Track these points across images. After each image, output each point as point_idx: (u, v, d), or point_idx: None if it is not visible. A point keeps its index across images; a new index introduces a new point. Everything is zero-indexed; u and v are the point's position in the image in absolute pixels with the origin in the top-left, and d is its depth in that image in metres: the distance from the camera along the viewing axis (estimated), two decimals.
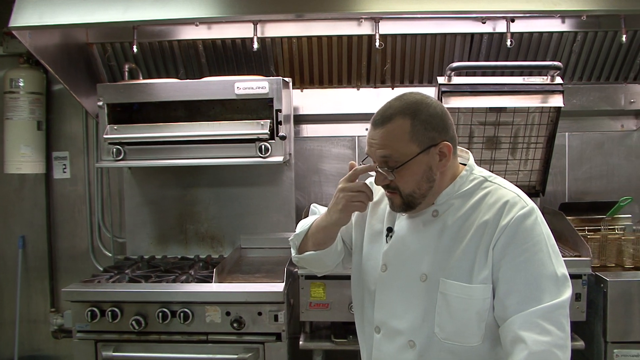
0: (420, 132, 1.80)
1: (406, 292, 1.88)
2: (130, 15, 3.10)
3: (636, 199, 3.77)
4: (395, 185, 1.84)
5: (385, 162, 1.81)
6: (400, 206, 1.87)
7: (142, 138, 3.39)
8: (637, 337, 3.13)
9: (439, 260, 1.84)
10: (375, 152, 1.82)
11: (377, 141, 1.82)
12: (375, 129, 1.83)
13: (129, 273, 3.42)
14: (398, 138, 1.79)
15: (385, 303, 1.94)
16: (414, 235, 1.91)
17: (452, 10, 3.16)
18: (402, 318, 1.89)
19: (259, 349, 3.07)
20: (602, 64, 3.77)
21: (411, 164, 1.80)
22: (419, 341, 1.86)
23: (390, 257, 1.93)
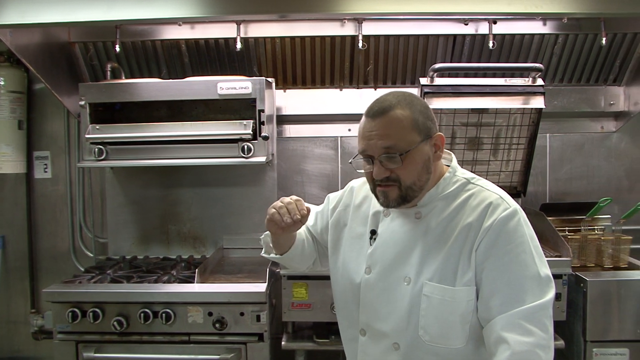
0: (420, 121, 1.83)
1: (390, 295, 1.89)
2: (112, 14, 3.08)
3: (615, 199, 3.81)
4: (396, 177, 1.82)
5: (387, 153, 1.80)
6: (396, 199, 1.85)
7: (124, 138, 3.37)
8: (615, 336, 3.17)
9: (423, 263, 1.84)
10: (377, 144, 1.80)
11: (377, 132, 1.81)
12: (374, 119, 1.82)
13: (110, 273, 3.40)
14: (401, 126, 1.80)
15: (369, 305, 1.94)
16: (398, 238, 1.91)
17: (435, 11, 3.17)
18: (386, 320, 1.89)
19: (241, 350, 3.06)
20: (583, 66, 3.81)
21: (414, 153, 1.81)
22: (403, 343, 1.86)
23: (374, 259, 1.94)
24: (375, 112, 1.83)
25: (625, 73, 3.84)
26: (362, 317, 1.96)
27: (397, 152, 1.79)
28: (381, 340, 1.91)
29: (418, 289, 1.83)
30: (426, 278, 1.83)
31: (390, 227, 1.94)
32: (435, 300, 1.81)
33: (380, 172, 1.82)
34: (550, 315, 1.75)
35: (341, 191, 2.22)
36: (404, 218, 1.92)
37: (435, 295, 1.81)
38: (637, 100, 3.82)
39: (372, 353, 1.94)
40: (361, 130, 1.86)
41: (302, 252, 2.19)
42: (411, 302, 1.84)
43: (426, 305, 1.82)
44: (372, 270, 1.93)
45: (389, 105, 1.82)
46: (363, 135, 1.85)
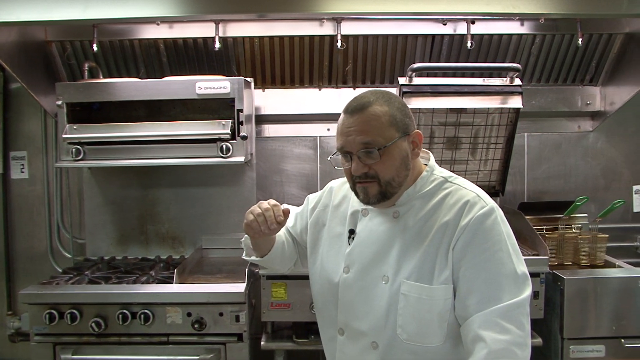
0: (398, 118, 1.84)
1: (369, 294, 1.89)
2: (90, 13, 3.06)
3: (592, 198, 3.84)
4: (375, 173, 1.83)
5: (365, 148, 1.81)
6: (376, 196, 1.86)
7: (102, 138, 3.35)
8: (592, 334, 3.20)
9: (401, 262, 1.85)
10: (355, 139, 1.81)
11: (356, 128, 1.81)
12: (352, 116, 1.83)
13: (88, 274, 3.38)
14: (379, 122, 1.81)
15: (348, 305, 1.94)
16: (376, 237, 1.91)
17: (413, 11, 3.18)
18: (364, 319, 1.90)
19: (220, 350, 3.05)
20: (560, 66, 3.84)
21: (392, 149, 1.82)
22: (381, 342, 1.87)
23: (352, 258, 1.94)
24: (353, 108, 1.84)
25: (601, 73, 3.87)
26: (340, 317, 1.97)
27: (375, 147, 1.80)
28: (359, 340, 1.91)
29: (396, 288, 1.84)
30: (404, 277, 1.83)
31: (368, 227, 1.95)
32: (412, 299, 1.81)
33: (359, 168, 1.83)
34: (527, 312, 1.76)
35: (320, 192, 2.23)
36: (382, 217, 1.93)
37: (413, 293, 1.81)
38: (613, 100, 3.86)
39: (351, 352, 1.94)
40: (339, 127, 1.87)
41: (283, 253, 2.19)
42: (389, 301, 1.85)
43: (404, 304, 1.83)
44: (350, 270, 1.94)
45: (367, 102, 1.83)
46: (341, 131, 1.85)
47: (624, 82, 3.76)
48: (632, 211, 4.06)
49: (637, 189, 4.04)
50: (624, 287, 3.20)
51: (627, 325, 3.19)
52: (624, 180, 4.08)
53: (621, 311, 3.19)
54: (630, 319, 3.19)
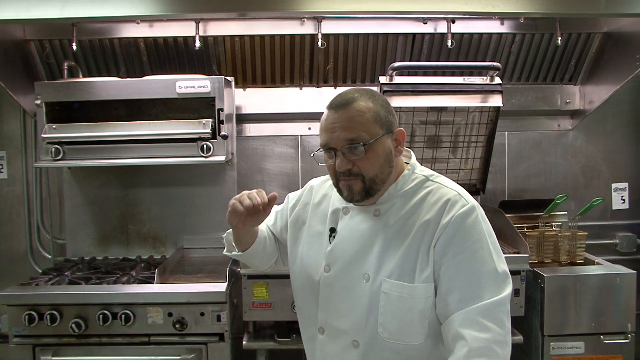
0: (382, 114, 1.84)
1: (350, 292, 1.89)
2: (68, 12, 3.04)
3: (571, 196, 3.88)
4: (358, 170, 1.83)
5: (350, 145, 1.81)
6: (360, 193, 1.85)
7: (82, 137, 3.32)
8: (572, 330, 3.23)
9: (382, 260, 1.85)
10: (339, 135, 1.81)
11: (341, 124, 1.81)
12: (337, 111, 1.83)
13: (68, 275, 3.35)
14: (364, 118, 1.81)
15: (328, 303, 1.94)
16: (357, 235, 1.91)
17: (394, 10, 3.19)
18: (345, 318, 1.89)
19: (201, 350, 3.05)
20: (540, 65, 3.87)
21: (376, 145, 1.82)
22: (362, 341, 1.87)
23: (333, 257, 1.93)
24: (338, 104, 1.84)
25: (580, 72, 3.91)
26: (320, 315, 1.96)
27: (360, 143, 1.80)
28: (340, 338, 1.91)
29: (377, 286, 1.84)
30: (385, 275, 1.83)
31: (349, 225, 1.94)
32: (393, 297, 1.81)
33: (343, 164, 1.82)
34: (507, 311, 1.77)
35: (301, 190, 2.22)
36: (363, 215, 1.93)
37: (394, 292, 1.81)
38: (592, 99, 3.89)
39: (331, 351, 1.94)
40: (323, 123, 1.87)
41: (264, 249, 2.18)
42: (370, 299, 1.85)
43: (385, 303, 1.83)
44: (331, 268, 1.93)
45: (352, 98, 1.84)
46: (325, 127, 1.85)
47: (602, 81, 3.79)
48: (610, 209, 4.10)
49: (616, 186, 4.08)
50: (603, 284, 3.23)
51: (606, 321, 3.22)
52: (603, 178, 4.12)
53: (600, 308, 3.22)
54: (609, 316, 3.22)
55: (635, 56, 3.46)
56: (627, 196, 4.08)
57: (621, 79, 3.60)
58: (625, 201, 4.09)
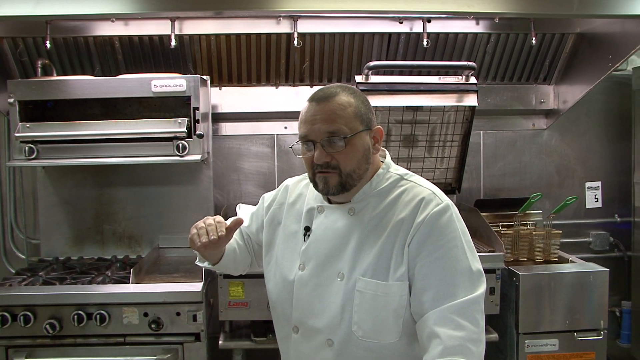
0: (362, 111, 1.86)
1: (324, 291, 1.89)
2: (41, 9, 3.00)
3: (546, 195, 3.92)
4: (336, 163, 1.83)
5: (330, 137, 1.82)
6: (336, 186, 1.85)
7: (56, 136, 3.29)
8: (547, 328, 3.27)
9: (356, 259, 1.85)
10: (320, 128, 1.82)
11: (322, 116, 1.82)
12: (319, 104, 1.84)
13: (43, 275, 3.31)
14: (345, 112, 1.83)
15: (303, 302, 1.94)
16: (332, 234, 1.91)
17: (370, 9, 3.19)
18: (320, 317, 1.89)
19: (177, 350, 3.03)
20: (514, 65, 3.90)
21: (356, 140, 1.83)
22: (337, 339, 1.87)
23: (308, 255, 1.94)
24: (320, 97, 1.86)
25: (554, 72, 3.95)
26: (295, 314, 1.96)
27: (340, 136, 1.81)
28: (314, 337, 1.91)
29: (351, 285, 1.84)
30: (359, 273, 1.84)
31: (324, 224, 1.95)
32: (368, 296, 1.82)
33: (322, 156, 1.83)
34: (481, 309, 1.78)
35: (276, 190, 2.22)
36: (338, 214, 1.93)
37: (369, 290, 1.82)
38: (566, 98, 3.93)
39: (305, 350, 1.94)
40: (304, 115, 1.87)
41: (235, 259, 2.19)
42: (344, 298, 1.85)
43: (359, 301, 1.83)
44: (306, 267, 1.93)
45: (334, 92, 1.85)
46: (306, 119, 1.86)
47: (576, 81, 3.83)
48: (584, 207, 4.15)
49: (589, 185, 4.13)
50: (576, 282, 3.27)
51: (579, 319, 3.26)
52: (577, 177, 4.17)
53: (574, 305, 3.26)
54: (582, 313, 3.27)
55: (607, 57, 3.51)
56: (600, 195, 4.13)
57: (594, 79, 3.65)
58: (598, 200, 4.13)
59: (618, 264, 4.13)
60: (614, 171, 4.20)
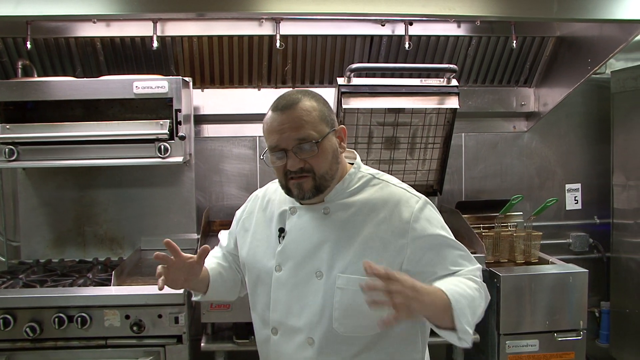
0: (326, 113, 1.89)
1: (302, 290, 1.91)
2: (22, 10, 2.97)
3: (527, 197, 3.96)
4: (310, 167, 1.85)
5: (301, 143, 1.83)
6: (311, 190, 1.87)
7: (37, 138, 3.26)
8: (527, 329, 3.30)
9: (335, 257, 1.87)
10: (290, 136, 1.83)
11: (289, 124, 1.83)
12: (284, 112, 1.85)
13: (23, 278, 3.29)
14: (311, 117, 1.84)
15: (281, 303, 1.95)
16: (308, 234, 1.93)
17: (352, 12, 3.19)
18: (299, 316, 1.91)
19: (159, 352, 3.02)
20: (495, 68, 3.93)
21: (325, 142, 1.86)
22: (317, 337, 1.88)
23: (285, 256, 1.95)
24: (283, 105, 1.86)
25: (534, 75, 3.99)
26: (273, 316, 1.97)
27: (311, 141, 1.83)
28: (295, 337, 1.92)
29: (331, 282, 1.86)
30: (339, 271, 1.86)
31: (298, 224, 1.96)
32: (349, 292, 1.84)
33: (295, 163, 1.84)
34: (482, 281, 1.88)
35: (245, 203, 2.24)
36: (312, 214, 1.95)
37: (350, 287, 1.84)
38: (546, 101, 3.97)
39: (286, 351, 1.95)
40: (270, 125, 1.88)
41: (224, 282, 2.18)
42: (324, 296, 1.87)
43: (340, 298, 1.85)
44: (282, 268, 1.95)
45: (296, 99, 1.86)
46: (274, 129, 1.86)
47: (556, 84, 3.87)
48: (564, 209, 4.19)
49: (569, 187, 4.18)
50: (557, 283, 3.30)
51: (559, 319, 3.29)
52: (557, 179, 4.21)
53: (554, 306, 3.29)
54: (562, 314, 3.30)
55: (587, 60, 3.55)
56: (580, 197, 4.18)
57: (574, 82, 3.69)
58: (578, 201, 4.18)
59: (597, 265, 4.17)
60: (593, 173, 4.25)
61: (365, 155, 3.60)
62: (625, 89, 3.91)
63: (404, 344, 1.93)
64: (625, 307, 3.93)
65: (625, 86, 3.90)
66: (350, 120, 3.50)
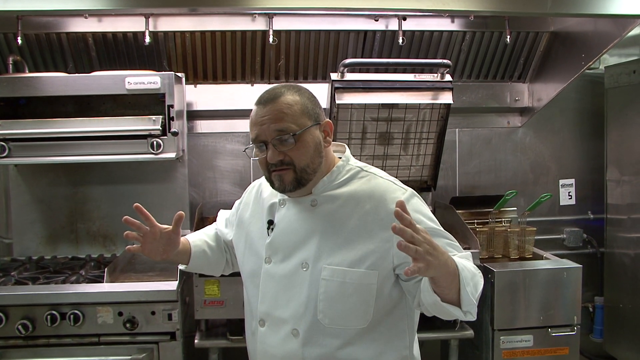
0: (309, 107, 1.91)
1: (288, 281, 1.92)
2: (12, 4, 2.95)
3: (521, 192, 3.95)
4: (290, 160, 1.87)
5: (280, 136, 1.85)
6: (291, 182, 1.89)
7: (28, 134, 3.24)
8: (522, 324, 3.31)
9: (322, 249, 1.89)
10: (269, 128, 1.85)
11: (270, 117, 1.86)
12: (265, 106, 1.88)
13: (15, 275, 3.27)
14: (292, 110, 1.87)
15: (269, 294, 1.96)
16: (295, 225, 1.95)
17: (345, 7, 3.18)
18: (285, 307, 1.92)
19: (153, 349, 3.01)
20: (489, 63, 3.93)
21: (306, 135, 1.88)
22: (302, 329, 1.89)
23: (273, 248, 1.97)
24: (266, 99, 1.90)
25: (528, 70, 3.99)
26: (261, 307, 1.98)
27: (290, 134, 1.85)
28: (280, 328, 1.93)
29: (317, 274, 1.88)
30: (325, 263, 1.87)
31: (286, 216, 1.98)
32: (334, 284, 1.86)
33: (275, 156, 1.87)
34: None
35: (243, 194, 2.28)
36: (300, 206, 1.96)
37: (335, 278, 1.86)
38: (540, 96, 3.97)
39: (271, 342, 1.96)
40: (253, 118, 1.92)
41: (207, 260, 2.27)
42: (309, 287, 1.88)
43: (325, 289, 1.86)
44: (272, 260, 1.97)
45: (279, 92, 1.90)
46: (255, 122, 1.90)
47: (550, 79, 3.87)
48: (558, 204, 4.20)
49: (563, 182, 4.18)
50: (550, 278, 3.31)
51: (554, 315, 3.30)
52: (551, 175, 4.21)
53: (548, 302, 3.30)
54: (556, 309, 3.31)
55: (580, 55, 3.55)
56: (573, 192, 4.18)
57: (568, 77, 3.69)
58: (572, 197, 4.18)
59: (591, 260, 4.17)
60: (587, 168, 4.25)
61: (359, 150, 3.59)
62: (619, 84, 3.90)
63: (391, 339, 1.94)
64: (619, 302, 3.94)
65: (619, 81, 3.90)
66: (344, 116, 3.49)
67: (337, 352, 1.89)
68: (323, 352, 1.89)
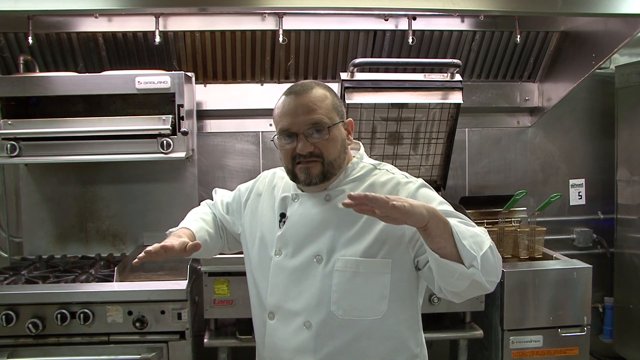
0: (337, 104, 1.95)
1: (301, 274, 1.93)
2: (23, 4, 2.95)
3: (530, 192, 3.94)
4: (320, 152, 1.89)
5: (313, 127, 1.87)
6: (318, 175, 1.91)
7: (39, 133, 3.26)
8: (531, 324, 3.29)
9: (335, 241, 1.90)
10: (304, 119, 1.87)
11: (303, 108, 1.88)
12: (298, 97, 1.90)
13: (25, 274, 3.28)
14: (324, 104, 1.91)
15: (279, 287, 1.96)
16: (309, 219, 1.96)
17: (355, 6, 3.18)
18: (297, 299, 1.92)
19: (162, 348, 3.02)
20: (499, 63, 3.91)
21: (335, 130, 1.91)
22: (315, 321, 1.89)
23: (285, 241, 1.97)
24: (298, 90, 1.92)
25: (538, 70, 3.97)
26: (270, 300, 1.98)
27: (325, 125, 1.88)
28: (292, 321, 1.93)
29: (330, 266, 1.88)
30: (339, 254, 1.88)
31: (299, 210, 1.99)
32: (348, 274, 1.87)
33: (306, 147, 1.88)
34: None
35: (253, 181, 2.26)
36: (313, 201, 1.97)
37: (349, 269, 1.87)
38: (550, 96, 3.95)
39: (282, 335, 1.96)
40: (283, 108, 1.92)
41: (206, 248, 2.21)
42: (323, 279, 1.89)
43: (338, 280, 1.87)
44: (282, 252, 1.97)
45: (310, 85, 1.94)
46: (287, 112, 1.90)
47: (560, 79, 3.85)
48: (568, 204, 4.18)
49: (573, 182, 4.16)
50: (560, 278, 3.30)
51: (563, 315, 3.29)
52: (561, 174, 4.19)
53: (558, 302, 3.28)
54: (566, 309, 3.29)
55: (591, 55, 3.53)
56: (583, 192, 4.16)
57: (578, 77, 3.67)
58: (582, 197, 4.17)
59: (601, 261, 4.15)
60: (597, 168, 4.23)
61: (368, 150, 3.58)
62: (629, 83, 3.88)
63: (404, 335, 1.94)
64: (629, 302, 3.92)
65: (630, 81, 3.88)
66: (354, 116, 3.48)
67: (349, 344, 1.89)
68: (335, 344, 1.89)
